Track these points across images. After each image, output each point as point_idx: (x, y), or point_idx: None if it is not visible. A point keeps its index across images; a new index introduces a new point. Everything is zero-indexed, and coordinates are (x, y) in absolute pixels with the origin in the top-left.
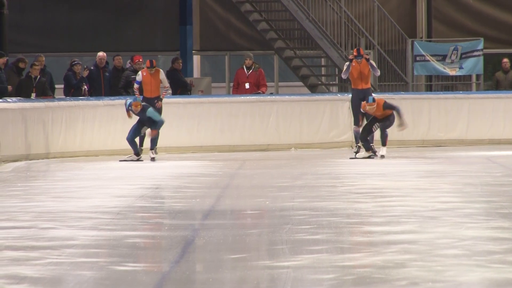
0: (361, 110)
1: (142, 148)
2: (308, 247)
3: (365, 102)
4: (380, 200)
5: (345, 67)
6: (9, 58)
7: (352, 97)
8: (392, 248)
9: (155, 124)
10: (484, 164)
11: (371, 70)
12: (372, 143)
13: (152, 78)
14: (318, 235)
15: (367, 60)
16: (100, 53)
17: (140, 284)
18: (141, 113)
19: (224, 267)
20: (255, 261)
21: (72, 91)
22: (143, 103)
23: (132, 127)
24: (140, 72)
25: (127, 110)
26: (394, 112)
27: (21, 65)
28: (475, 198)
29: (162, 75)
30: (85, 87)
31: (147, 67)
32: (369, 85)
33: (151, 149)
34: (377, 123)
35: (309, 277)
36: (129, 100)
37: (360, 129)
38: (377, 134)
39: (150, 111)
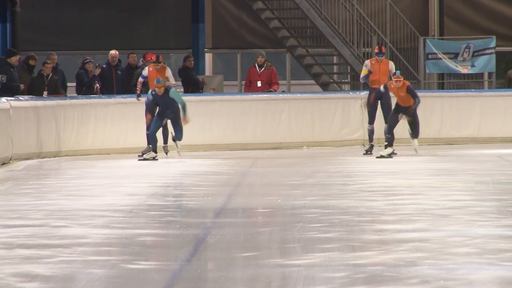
0: (382, 89)
1: (167, 145)
2: (320, 245)
3: (393, 77)
4: (391, 198)
5: (362, 74)
6: (21, 56)
7: (369, 95)
8: (403, 246)
9: (177, 113)
10: (496, 162)
11: (391, 72)
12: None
13: (158, 74)
14: (330, 233)
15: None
16: (113, 51)
17: (152, 282)
18: (165, 95)
19: (236, 265)
20: (266, 259)
21: (84, 89)
22: (168, 85)
23: (153, 120)
24: (146, 68)
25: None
26: (415, 101)
27: (31, 62)
28: (486, 196)
29: (169, 72)
30: (97, 85)
31: (153, 62)
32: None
33: (175, 139)
34: (401, 113)
35: (320, 275)
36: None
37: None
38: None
39: (173, 92)
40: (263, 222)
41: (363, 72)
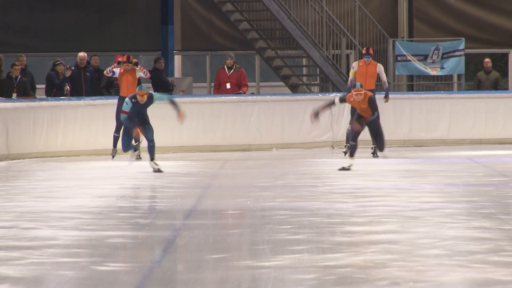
0: (337, 102)
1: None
2: (289, 247)
3: (352, 91)
4: (361, 200)
5: (351, 76)
6: None
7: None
8: (373, 248)
9: (149, 127)
10: (465, 164)
11: (380, 76)
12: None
13: (129, 75)
14: (299, 235)
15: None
16: (81, 53)
17: (122, 284)
18: (146, 104)
19: (206, 267)
20: (236, 261)
21: (55, 91)
22: (149, 92)
23: (123, 138)
24: (118, 68)
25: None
26: (373, 113)
27: None
28: (456, 198)
29: (139, 72)
30: (68, 87)
31: (123, 62)
32: (373, 87)
33: (151, 159)
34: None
35: (290, 277)
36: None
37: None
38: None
39: (157, 97)
40: (232, 224)
41: (351, 75)
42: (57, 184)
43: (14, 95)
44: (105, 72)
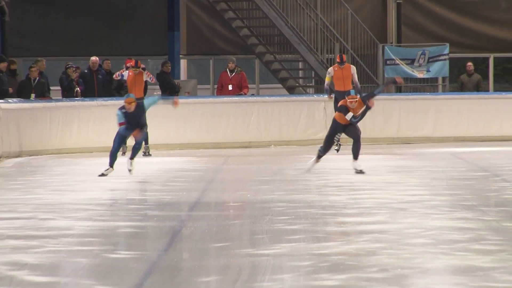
0: (343, 105)
1: (148, 145)
2: (287, 236)
3: (346, 98)
4: (353, 193)
5: (326, 81)
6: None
7: (335, 97)
8: (364, 237)
9: (144, 122)
10: (449, 160)
11: (353, 77)
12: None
13: (136, 78)
14: (296, 225)
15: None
16: (93, 58)
17: (131, 270)
18: (137, 112)
19: (209, 255)
20: (237, 249)
21: (65, 93)
22: (138, 101)
23: (116, 136)
24: (126, 71)
25: (122, 113)
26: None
27: (12, 66)
28: (441, 191)
29: (145, 75)
30: (78, 88)
31: (131, 67)
32: (350, 87)
33: (131, 158)
34: (339, 134)
35: (287, 264)
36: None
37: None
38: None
39: (147, 102)
40: (234, 215)
41: (327, 80)
42: (72, 178)
43: (33, 96)
44: (114, 76)
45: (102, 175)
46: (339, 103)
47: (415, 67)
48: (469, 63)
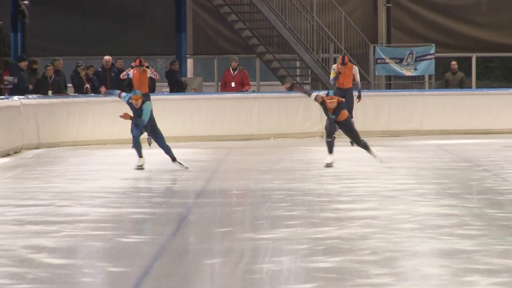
0: (318, 101)
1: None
2: (285, 222)
3: (323, 96)
4: (346, 182)
5: (332, 76)
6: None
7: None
8: (356, 223)
9: (154, 123)
10: (435, 152)
11: (354, 76)
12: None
13: (141, 76)
14: (294, 211)
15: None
16: (106, 57)
17: (142, 253)
18: (141, 107)
19: (214, 239)
20: (240, 234)
21: (75, 89)
22: (145, 100)
23: (132, 125)
24: (131, 70)
25: (128, 103)
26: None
27: (34, 66)
28: (427, 180)
29: (149, 72)
30: (87, 85)
31: (136, 66)
32: (350, 85)
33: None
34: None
35: (286, 247)
36: (127, 94)
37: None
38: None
39: (146, 107)
40: (236, 202)
41: (332, 75)
42: (87, 168)
43: (50, 92)
44: (121, 76)
45: (139, 168)
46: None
47: (404, 65)
48: (453, 62)
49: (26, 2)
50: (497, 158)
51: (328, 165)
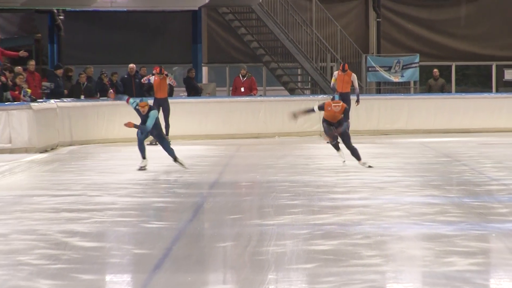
0: (316, 109)
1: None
2: (288, 209)
3: (330, 100)
4: (341, 175)
5: (332, 82)
6: (64, 68)
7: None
8: (350, 211)
9: (160, 130)
10: (419, 148)
11: (353, 83)
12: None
13: (161, 82)
14: (295, 200)
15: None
16: (131, 65)
17: (163, 237)
18: (147, 113)
19: (225, 224)
20: (248, 220)
21: (98, 94)
22: (151, 107)
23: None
24: (152, 76)
25: (135, 109)
26: (343, 125)
27: (69, 73)
28: (412, 173)
29: (169, 80)
30: (111, 90)
31: (157, 73)
32: (348, 90)
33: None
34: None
35: (288, 232)
36: (134, 101)
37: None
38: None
39: (153, 114)
40: (245, 192)
41: (333, 81)
42: (115, 163)
43: (82, 96)
44: (142, 80)
45: (141, 168)
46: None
47: (392, 73)
48: (435, 70)
49: (61, 17)
50: (474, 154)
51: (344, 162)
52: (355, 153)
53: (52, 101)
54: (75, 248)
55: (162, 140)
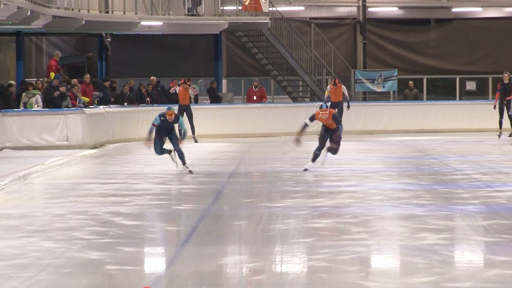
0: (309, 122)
1: (195, 135)
2: (291, 194)
3: (319, 110)
4: (334, 166)
5: (326, 95)
6: (110, 81)
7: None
8: (342, 195)
9: (176, 138)
10: (398, 145)
11: (343, 93)
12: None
13: (185, 91)
14: (297, 187)
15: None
16: (152, 77)
17: (190, 217)
18: (173, 121)
19: (241, 207)
20: (259, 203)
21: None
22: (176, 114)
23: (154, 143)
24: (178, 87)
25: (150, 132)
26: (338, 127)
27: (114, 84)
28: (392, 165)
29: (191, 90)
30: (148, 99)
31: (181, 84)
32: (341, 99)
33: (184, 164)
34: (328, 137)
35: (292, 213)
36: (156, 119)
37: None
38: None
39: (181, 120)
40: (257, 180)
41: (326, 93)
42: (151, 157)
43: (125, 103)
44: (170, 90)
45: (173, 160)
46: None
47: (375, 84)
48: (410, 82)
49: (109, 39)
50: (442, 149)
51: (305, 170)
52: (333, 150)
53: (101, 107)
54: (119, 226)
55: (173, 139)
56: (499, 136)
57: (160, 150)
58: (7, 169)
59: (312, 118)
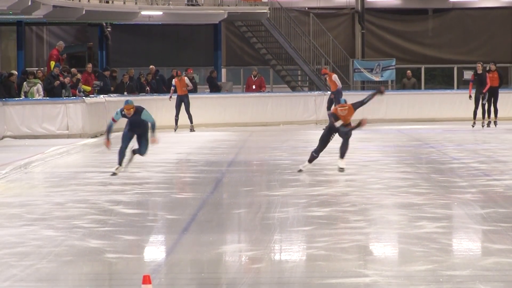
0: (332, 113)
1: (193, 124)
2: (290, 183)
3: (336, 106)
4: (333, 155)
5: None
6: (110, 70)
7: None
8: (340, 184)
9: (146, 130)
10: (396, 134)
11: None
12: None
13: (180, 82)
14: (296, 176)
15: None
16: (151, 66)
17: (190, 205)
18: (134, 116)
19: (240, 195)
20: (258, 191)
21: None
22: (136, 105)
23: (123, 136)
24: (174, 80)
25: (109, 129)
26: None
27: (114, 74)
28: (390, 154)
29: (187, 80)
30: (148, 88)
31: (176, 75)
32: (334, 89)
33: (140, 154)
34: (333, 134)
35: (291, 201)
36: (116, 114)
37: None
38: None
39: (146, 113)
40: (256, 169)
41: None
42: (151, 145)
43: (125, 92)
44: (169, 98)
45: (114, 174)
46: (332, 111)
47: (373, 73)
48: (408, 71)
49: (109, 29)
50: (439, 138)
51: (300, 170)
52: (343, 149)
53: (101, 96)
54: (119, 214)
55: (142, 145)
56: (473, 126)
57: (125, 147)
58: (8, 158)
59: (335, 117)
